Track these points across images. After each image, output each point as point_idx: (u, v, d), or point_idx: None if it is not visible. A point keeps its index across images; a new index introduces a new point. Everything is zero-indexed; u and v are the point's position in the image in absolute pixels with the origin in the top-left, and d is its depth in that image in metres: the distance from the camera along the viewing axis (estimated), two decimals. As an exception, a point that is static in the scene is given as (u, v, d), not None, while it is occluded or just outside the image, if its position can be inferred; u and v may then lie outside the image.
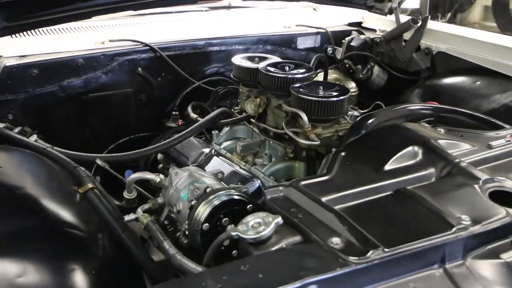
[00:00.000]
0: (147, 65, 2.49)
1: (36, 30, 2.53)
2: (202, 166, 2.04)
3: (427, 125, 1.95)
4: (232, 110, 2.33)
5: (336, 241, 1.14)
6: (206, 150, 2.10)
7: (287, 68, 2.14)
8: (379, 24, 3.24)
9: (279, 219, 1.21)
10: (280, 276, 1.03)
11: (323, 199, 1.31)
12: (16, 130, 2.07)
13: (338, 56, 3.00)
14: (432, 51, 2.92)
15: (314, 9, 3.38)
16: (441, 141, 1.60)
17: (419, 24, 2.87)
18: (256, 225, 1.21)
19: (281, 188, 1.36)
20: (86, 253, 1.39)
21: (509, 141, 1.66)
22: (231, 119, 2.23)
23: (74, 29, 2.65)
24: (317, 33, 2.96)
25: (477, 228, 1.21)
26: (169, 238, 1.64)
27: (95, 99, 2.40)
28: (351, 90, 2.84)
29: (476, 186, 1.37)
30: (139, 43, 2.47)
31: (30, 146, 1.97)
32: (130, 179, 1.69)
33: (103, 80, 2.40)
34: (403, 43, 3.00)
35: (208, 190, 1.53)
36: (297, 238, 1.21)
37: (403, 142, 1.58)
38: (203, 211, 1.46)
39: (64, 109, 2.36)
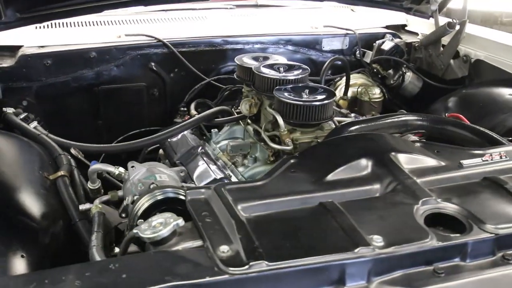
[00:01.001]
0: (160, 60, 2.52)
1: (60, 22, 2.65)
2: (185, 163, 2.05)
3: (414, 137, 1.82)
4: (232, 109, 2.30)
5: (224, 249, 1.09)
6: (194, 148, 2.10)
7: (281, 69, 2.07)
8: (424, 27, 3.05)
9: (179, 221, 1.18)
10: (143, 279, 1.01)
11: (241, 206, 1.26)
12: (22, 116, 2.19)
13: (368, 60, 2.87)
14: (471, 59, 2.70)
15: (352, 10, 3.25)
16: (402, 155, 1.47)
17: (456, 29, 2.67)
18: (158, 225, 1.19)
19: (203, 190, 1.32)
20: (21, 237, 1.44)
21: (486, 160, 1.50)
22: (225, 118, 2.21)
23: (97, 23, 2.74)
24: (346, 34, 2.84)
25: (388, 251, 1.10)
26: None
27: (108, 91, 2.48)
28: (374, 96, 2.72)
29: (413, 206, 1.25)
30: (153, 38, 2.51)
31: (27, 132, 2.08)
32: (91, 170, 1.72)
33: (115, 73, 2.47)
34: (442, 49, 2.81)
35: (151, 186, 1.52)
36: (198, 242, 1.16)
37: (358, 153, 1.47)
38: (140, 206, 1.45)
39: (77, 99, 2.46)
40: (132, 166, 1.67)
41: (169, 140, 2.25)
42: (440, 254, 1.14)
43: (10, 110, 2.22)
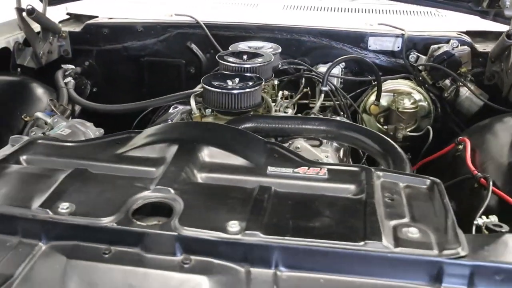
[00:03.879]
0: (197, 40, 2.71)
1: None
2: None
3: (300, 141, 1.68)
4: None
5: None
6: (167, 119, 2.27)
7: (244, 57, 2.08)
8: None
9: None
10: None
11: (26, 156, 1.43)
12: (68, 72, 2.66)
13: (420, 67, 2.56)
14: (534, 78, 2.21)
15: (437, 11, 2.88)
16: (211, 149, 1.43)
17: (518, 41, 2.21)
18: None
19: (25, 138, 1.53)
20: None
21: (297, 173, 1.35)
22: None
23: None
24: (398, 35, 2.58)
25: (58, 217, 1.17)
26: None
27: (151, 63, 2.79)
28: (404, 106, 2.45)
29: (143, 189, 1.25)
30: (193, 19, 2.71)
31: (56, 83, 2.54)
32: (35, 115, 2.04)
33: (158, 47, 2.76)
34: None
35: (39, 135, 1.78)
36: None
37: (173, 136, 1.50)
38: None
39: (126, 66, 2.83)
40: (56, 120, 1.94)
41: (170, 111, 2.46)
42: (117, 238, 1.15)
43: (66, 66, 2.71)
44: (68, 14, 3.03)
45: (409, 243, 1.10)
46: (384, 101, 2.52)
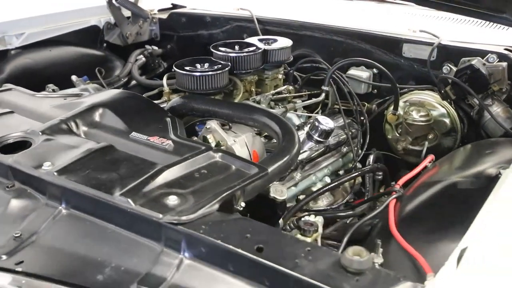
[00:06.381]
0: (251, 33, 2.90)
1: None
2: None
3: (213, 123, 1.82)
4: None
5: None
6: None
7: (236, 47, 2.26)
8: None
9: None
10: None
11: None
12: (146, 52, 3.14)
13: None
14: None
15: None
16: (110, 114, 1.70)
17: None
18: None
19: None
20: None
21: (148, 140, 1.54)
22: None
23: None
24: (434, 44, 2.41)
25: None
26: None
27: None
28: (414, 118, 2.34)
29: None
30: (249, 13, 2.93)
31: (128, 59, 3.03)
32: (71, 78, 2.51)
33: (221, 37, 3.04)
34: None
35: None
36: None
37: (94, 101, 1.78)
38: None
39: (197, 52, 3.11)
40: (77, 82, 2.38)
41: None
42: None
43: (147, 46, 3.20)
44: (172, 4, 3.50)
45: (153, 206, 1.23)
46: (403, 111, 2.41)
